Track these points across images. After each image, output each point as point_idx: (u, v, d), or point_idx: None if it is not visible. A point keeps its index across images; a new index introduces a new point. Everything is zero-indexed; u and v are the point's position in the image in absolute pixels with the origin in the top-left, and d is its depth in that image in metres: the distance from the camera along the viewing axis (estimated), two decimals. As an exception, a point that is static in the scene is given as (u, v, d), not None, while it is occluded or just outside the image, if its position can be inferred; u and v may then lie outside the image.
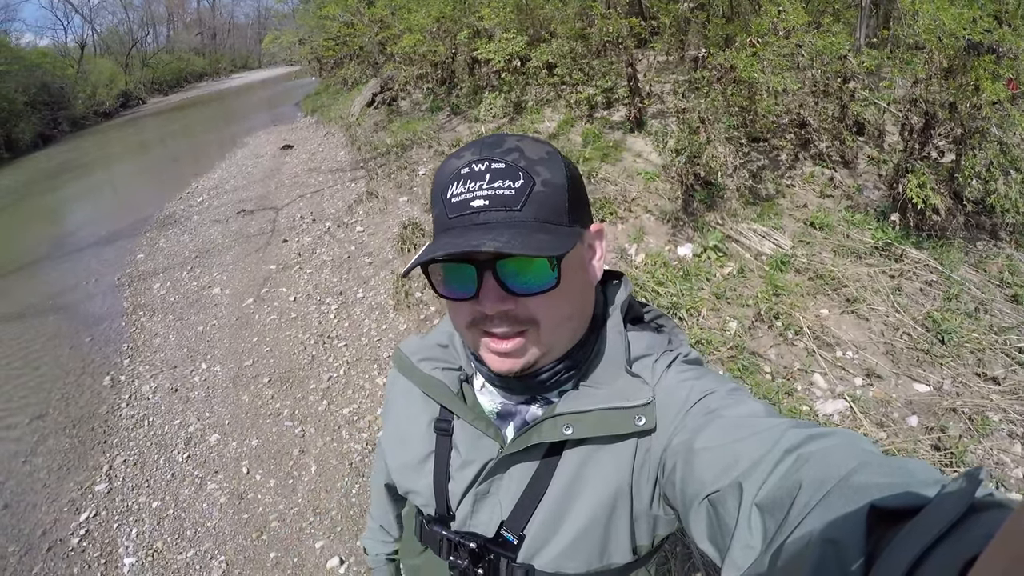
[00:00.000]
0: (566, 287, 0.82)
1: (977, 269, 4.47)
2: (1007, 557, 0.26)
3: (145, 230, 9.56)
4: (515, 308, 0.81)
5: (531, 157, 0.81)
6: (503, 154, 0.80)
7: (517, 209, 0.77)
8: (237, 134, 17.52)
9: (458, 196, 0.79)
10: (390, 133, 11.27)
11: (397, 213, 7.65)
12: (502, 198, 0.77)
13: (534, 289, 0.80)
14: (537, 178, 0.79)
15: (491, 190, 0.78)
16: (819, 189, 5.55)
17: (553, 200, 0.80)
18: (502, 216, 0.77)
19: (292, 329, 5.57)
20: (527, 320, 0.82)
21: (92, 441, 4.51)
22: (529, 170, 0.79)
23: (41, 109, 27.29)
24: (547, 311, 0.82)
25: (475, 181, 0.79)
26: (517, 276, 0.79)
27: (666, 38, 8.18)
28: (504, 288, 0.80)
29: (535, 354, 0.85)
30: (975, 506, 0.40)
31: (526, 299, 0.81)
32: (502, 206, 0.77)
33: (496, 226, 0.77)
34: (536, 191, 0.78)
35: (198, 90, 46.86)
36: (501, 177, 0.78)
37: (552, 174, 0.81)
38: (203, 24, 69.81)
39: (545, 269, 0.79)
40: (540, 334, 0.83)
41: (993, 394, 3.48)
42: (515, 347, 0.83)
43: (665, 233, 5.44)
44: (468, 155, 0.82)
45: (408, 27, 11.07)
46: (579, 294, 0.87)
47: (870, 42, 6.37)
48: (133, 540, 3.55)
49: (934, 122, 4.64)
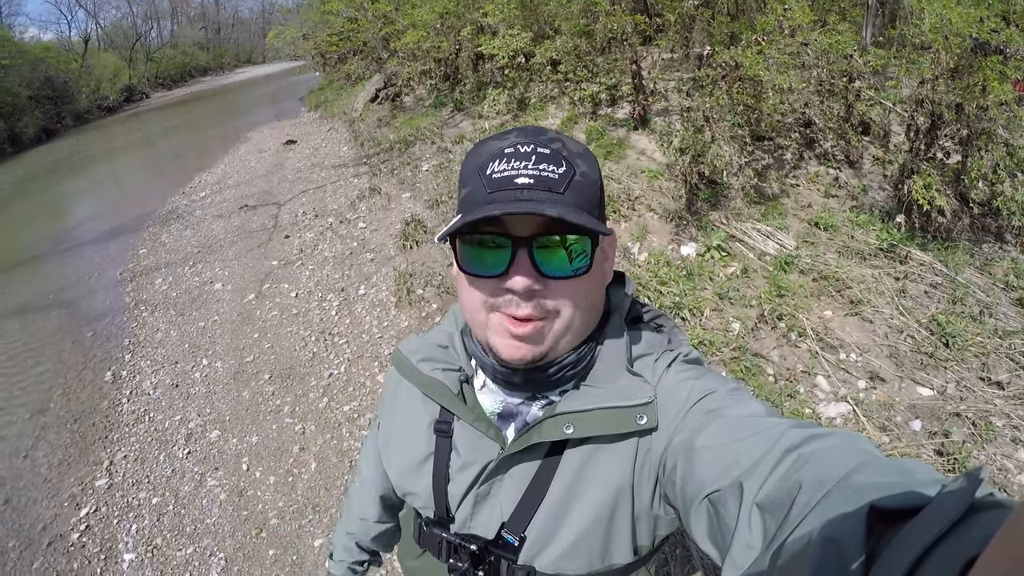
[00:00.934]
0: (593, 276, 0.84)
1: (982, 272, 4.45)
2: (1007, 557, 0.26)
3: (148, 225, 9.54)
4: (543, 291, 0.82)
5: (572, 149, 0.84)
6: (548, 141, 0.83)
7: (560, 192, 0.79)
8: (240, 129, 17.52)
9: (500, 172, 0.80)
10: (393, 129, 11.25)
11: (400, 209, 7.64)
12: (547, 180, 0.79)
13: (567, 273, 0.81)
14: (578, 169, 0.82)
15: (536, 170, 0.79)
16: (824, 189, 5.52)
17: (589, 192, 0.83)
18: (545, 196, 0.78)
19: (293, 325, 5.56)
20: (549, 307, 0.83)
21: (93, 436, 4.50)
22: (571, 160, 0.82)
23: (45, 103, 27.22)
24: (569, 299, 0.83)
25: (520, 160, 0.80)
26: (551, 258, 0.81)
27: (671, 35, 8.14)
28: (536, 270, 0.81)
29: (548, 345, 0.85)
30: (975, 506, 0.39)
31: (555, 283, 0.82)
32: (546, 188, 0.79)
33: (543, 203, 0.77)
34: (577, 180, 0.81)
35: (202, 85, 46.90)
36: (546, 161, 0.80)
37: (589, 168, 0.84)
38: (207, 19, 69.85)
39: (580, 254, 0.81)
40: (557, 324, 0.84)
41: (997, 399, 3.47)
42: (533, 332, 0.83)
43: (668, 232, 5.42)
44: (512, 137, 0.84)
45: (412, 23, 11.04)
46: (597, 289, 0.89)
47: (876, 41, 6.34)
48: (133, 536, 3.54)
49: (940, 123, 4.61)
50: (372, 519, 1.32)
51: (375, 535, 1.33)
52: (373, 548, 1.36)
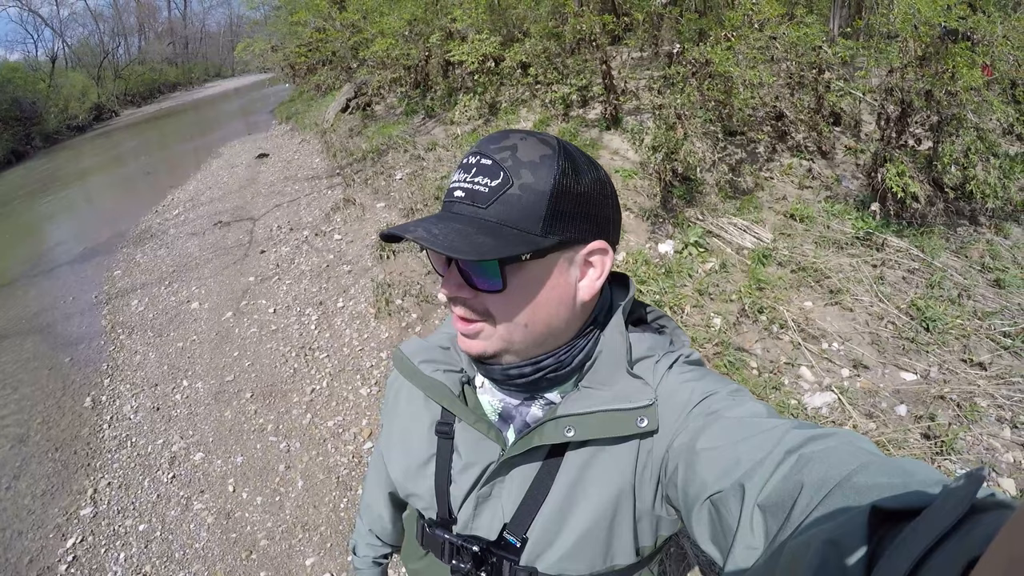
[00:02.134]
0: (520, 295, 0.82)
1: (959, 255, 4.50)
2: (1008, 558, 0.26)
3: (122, 245, 9.42)
4: (471, 299, 0.83)
5: (521, 158, 0.80)
6: (497, 150, 0.81)
7: (483, 207, 0.79)
8: (212, 144, 17.34)
9: (452, 183, 0.84)
10: (365, 138, 11.20)
11: (375, 219, 7.60)
12: (474, 193, 0.80)
13: (485, 287, 0.82)
14: (516, 180, 0.79)
15: (470, 184, 0.80)
16: (798, 181, 5.57)
17: (526, 205, 0.79)
18: (468, 211, 0.80)
19: (273, 342, 5.51)
20: (482, 312, 0.84)
21: (75, 464, 4.42)
22: (511, 171, 0.79)
23: (13, 125, 26.86)
24: (499, 311, 0.83)
25: (465, 172, 0.82)
26: (475, 271, 0.81)
27: (639, 34, 8.20)
28: (463, 278, 0.82)
29: (494, 345, 0.86)
30: (976, 507, 0.40)
31: (482, 294, 0.83)
32: (472, 201, 0.80)
33: (456, 219, 0.80)
34: (509, 193, 0.79)
35: (172, 100, 46.42)
36: (482, 173, 0.80)
37: (536, 179, 0.79)
38: (175, 34, 69.12)
39: (492, 272, 0.80)
40: (496, 329, 0.85)
41: (980, 380, 3.50)
42: (473, 331, 0.86)
43: (645, 230, 5.43)
44: (477, 145, 0.84)
45: (380, 31, 10.99)
46: (544, 307, 0.85)
47: (844, 32, 6.40)
48: (121, 565, 3.48)
49: (910, 110, 4.67)
50: (387, 516, 1.34)
51: (392, 529, 1.36)
52: (393, 542, 1.39)
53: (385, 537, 1.37)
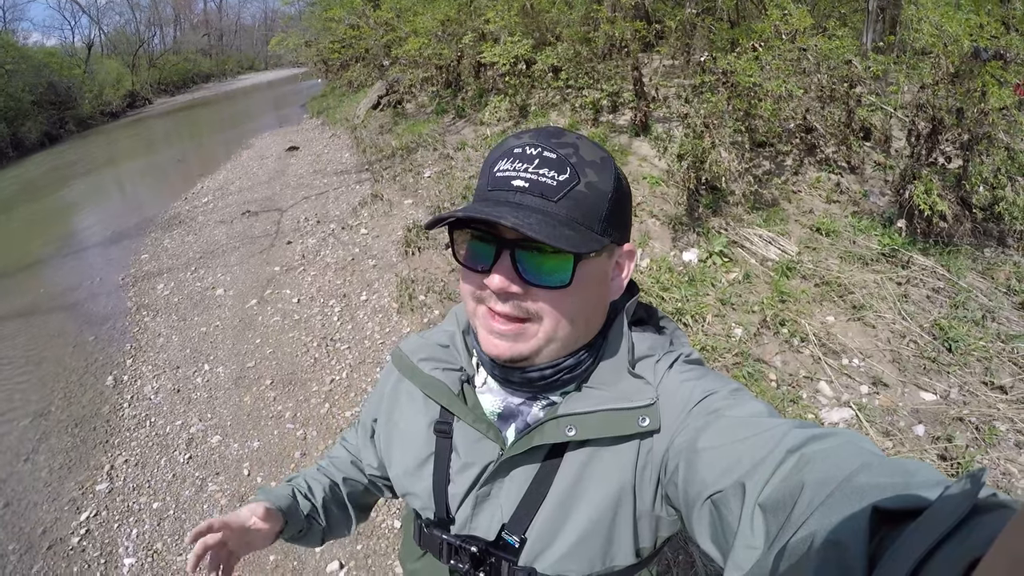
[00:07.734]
0: (578, 291, 0.82)
1: (984, 276, 4.44)
2: (1010, 559, 0.26)
3: (150, 230, 9.55)
4: (521, 295, 0.82)
5: (584, 157, 0.82)
6: (558, 145, 0.81)
7: (553, 200, 0.79)
8: (243, 135, 17.52)
9: (503, 172, 0.81)
10: (395, 136, 11.27)
11: (402, 216, 7.64)
12: (542, 186, 0.79)
13: (545, 282, 0.80)
14: (583, 178, 0.80)
15: (535, 175, 0.79)
16: (825, 195, 5.52)
17: (592, 204, 0.81)
18: (537, 203, 0.79)
19: (295, 331, 5.56)
20: (529, 311, 0.83)
21: (94, 440, 4.50)
22: (578, 168, 0.80)
23: (48, 108, 27.20)
24: (551, 308, 0.82)
25: (523, 162, 0.80)
26: (533, 265, 0.80)
27: (671, 42, 8.18)
28: (517, 272, 0.80)
29: (530, 347, 0.85)
30: (978, 507, 0.39)
31: (535, 290, 0.81)
32: (540, 193, 0.79)
33: (526, 209, 0.78)
34: (577, 190, 0.80)
35: (204, 91, 46.92)
36: (548, 166, 0.79)
37: (599, 179, 0.82)
38: (210, 25, 69.90)
39: (562, 267, 0.79)
40: (540, 329, 0.84)
41: (1000, 403, 3.46)
42: (513, 332, 0.84)
43: (670, 238, 5.43)
44: (526, 137, 0.83)
45: (414, 30, 11.07)
46: (590, 304, 0.87)
47: (877, 47, 6.35)
48: (133, 540, 3.53)
49: (941, 127, 4.62)
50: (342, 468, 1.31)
51: (343, 478, 1.30)
52: (334, 495, 1.30)
53: (330, 476, 1.31)
